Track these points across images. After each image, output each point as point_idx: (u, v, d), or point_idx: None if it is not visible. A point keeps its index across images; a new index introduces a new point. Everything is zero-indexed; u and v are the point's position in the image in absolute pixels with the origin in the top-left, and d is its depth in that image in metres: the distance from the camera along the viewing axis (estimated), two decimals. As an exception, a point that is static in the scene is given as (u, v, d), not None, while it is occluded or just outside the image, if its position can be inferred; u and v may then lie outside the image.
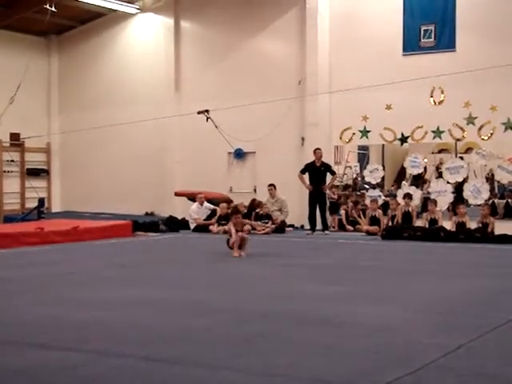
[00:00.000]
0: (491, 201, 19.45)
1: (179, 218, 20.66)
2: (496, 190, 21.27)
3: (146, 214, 22.82)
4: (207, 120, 21.11)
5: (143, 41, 23.94)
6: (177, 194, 21.87)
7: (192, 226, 19.80)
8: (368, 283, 9.17)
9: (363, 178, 21.57)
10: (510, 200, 20.31)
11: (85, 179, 24.73)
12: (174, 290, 8.60)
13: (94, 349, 5.39)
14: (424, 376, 4.53)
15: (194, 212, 19.90)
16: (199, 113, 21.14)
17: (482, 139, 19.04)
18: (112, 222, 18.35)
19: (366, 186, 21.53)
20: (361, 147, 22.21)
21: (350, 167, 23.50)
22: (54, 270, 10.77)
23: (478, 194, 19.07)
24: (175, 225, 19.95)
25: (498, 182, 20.28)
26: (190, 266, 11.55)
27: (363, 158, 22.93)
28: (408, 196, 18.19)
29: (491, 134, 18.76)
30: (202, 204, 19.93)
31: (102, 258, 12.91)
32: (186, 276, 10.21)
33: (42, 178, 25.19)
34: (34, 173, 24.86)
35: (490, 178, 20.87)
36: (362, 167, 21.90)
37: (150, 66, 23.49)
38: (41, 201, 20.62)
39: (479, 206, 18.48)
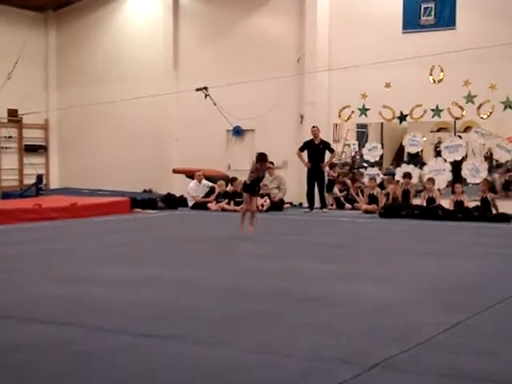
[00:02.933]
0: (489, 179, 19.45)
1: (177, 195, 20.67)
2: (495, 169, 21.31)
3: (144, 191, 22.80)
4: (206, 97, 21.05)
5: (141, 17, 23.78)
6: (175, 172, 21.85)
7: (190, 203, 19.81)
8: (366, 262, 9.18)
9: (362, 156, 21.56)
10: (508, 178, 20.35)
11: (83, 156, 24.69)
12: (172, 267, 8.60)
13: (92, 325, 5.41)
14: (419, 353, 4.55)
15: (192, 189, 19.90)
16: (198, 90, 21.07)
17: (481, 118, 19.01)
18: (110, 199, 18.35)
19: (365, 165, 21.52)
20: (359, 125, 22.20)
21: (349, 145, 23.52)
22: (52, 247, 10.78)
23: (476, 172, 19.06)
24: (173, 202, 19.95)
25: (497, 160, 20.30)
26: (188, 243, 11.55)
27: (362, 136, 22.94)
28: (408, 175, 18.19)
29: (490, 112, 18.72)
30: (200, 181, 19.93)
31: (100, 235, 12.92)
32: (184, 254, 10.21)
33: (40, 154, 25.14)
34: (32, 149, 24.81)
35: (489, 157, 20.89)
36: (361, 145, 21.90)
37: (148, 43, 23.36)
38: (39, 177, 20.59)
39: (477, 184, 18.52)
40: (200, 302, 6.30)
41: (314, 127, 18.76)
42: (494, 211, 16.29)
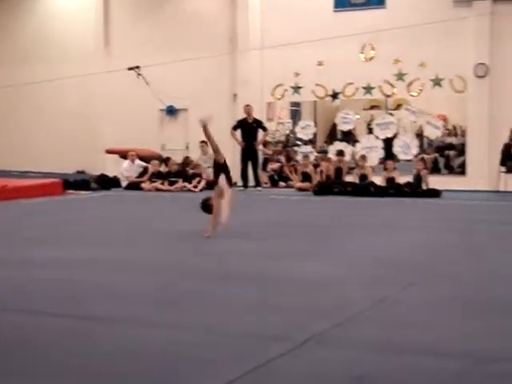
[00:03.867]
0: (421, 156, 19.79)
1: (111, 175, 20.46)
2: (425, 146, 21.68)
3: (77, 172, 22.49)
4: (138, 76, 20.86)
5: (71, -6, 23.36)
6: (108, 152, 21.62)
7: (124, 183, 19.65)
8: (302, 239, 9.25)
9: (295, 134, 21.66)
10: (438, 155, 20.74)
11: (12, 137, 24.14)
12: (106, 248, 8.52)
13: (29, 309, 5.33)
14: (350, 327, 4.63)
15: (126, 170, 19.74)
16: (130, 69, 20.85)
17: (412, 96, 19.28)
18: (41, 181, 18.05)
19: (298, 143, 21.63)
20: (293, 104, 22.27)
21: (283, 123, 23.56)
22: (-19, 230, 10.57)
23: (407, 149, 19.35)
24: (107, 183, 19.75)
25: (427, 137, 20.65)
26: (121, 223, 11.46)
27: (295, 114, 23.01)
28: (340, 153, 18.38)
29: (420, 90, 18.99)
30: (133, 161, 19.78)
31: (31, 218, 12.71)
32: (119, 234, 10.13)
33: (-33, 135, 24.54)
34: (-40, 131, 24.21)
35: (420, 134, 21.22)
36: (295, 123, 21.98)
37: (78, 21, 22.91)
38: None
39: (408, 161, 18.83)
40: (136, 283, 6.28)
41: (247, 106, 18.80)
42: (424, 187, 16.59)
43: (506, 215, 12.52)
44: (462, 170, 19.28)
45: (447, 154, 21.29)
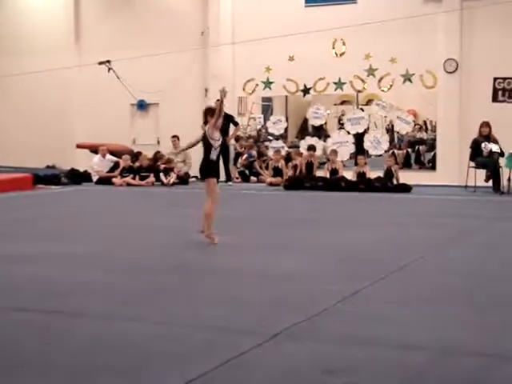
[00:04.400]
0: (391, 151, 19.94)
1: (81, 170, 20.36)
2: (396, 141, 21.83)
3: (48, 166, 22.33)
4: (109, 71, 20.77)
5: (41, -12, 23.17)
6: (79, 147, 21.51)
7: (94, 178, 19.56)
8: (273, 234, 9.27)
9: (267, 129, 21.69)
10: (409, 150, 20.88)
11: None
12: (72, 243, 8.49)
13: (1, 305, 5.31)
14: (320, 320, 4.67)
15: (96, 164, 19.65)
16: (100, 63, 20.75)
17: (382, 91, 19.38)
18: (11, 176, 17.91)
19: (270, 138, 21.66)
20: (265, 98, 22.29)
21: (254, 118, 23.57)
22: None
23: (377, 144, 19.46)
24: (77, 177, 19.65)
25: (398, 132, 20.78)
26: (90, 218, 11.42)
27: (267, 109, 23.04)
28: (312, 148, 18.43)
29: (391, 85, 19.10)
30: (104, 156, 19.69)
31: (1, 213, 12.61)
32: (85, 229, 10.08)
33: None
34: None
35: (390, 129, 21.35)
36: (266, 118, 22.00)
37: (49, 15, 22.77)
38: None
39: (379, 156, 18.95)
40: (100, 278, 6.27)
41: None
42: (395, 182, 16.70)
43: (474, 210, 12.65)
44: (432, 165, 19.44)
45: (418, 149, 21.46)
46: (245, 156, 19.92)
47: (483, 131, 16.37)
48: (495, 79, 18.19)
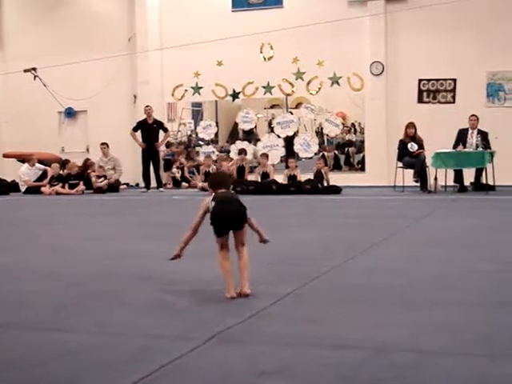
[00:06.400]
0: (321, 153, 20.15)
1: (9, 180, 20.00)
2: (325, 143, 22.06)
3: (-27, 177, 21.87)
4: (35, 78, 20.48)
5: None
6: (5, 156, 21.15)
7: (23, 188, 19.24)
8: (201, 239, 9.22)
9: (197, 134, 21.68)
10: (337, 152, 21.12)
11: None
12: (1, 253, 8.32)
13: None
14: (254, 323, 4.67)
15: (24, 173, 19.35)
16: (26, 71, 20.47)
17: (311, 94, 19.59)
18: None
19: (201, 143, 21.65)
20: (194, 104, 22.30)
21: (184, 124, 23.55)
22: None
23: (307, 147, 19.63)
24: (4, 187, 19.33)
25: (327, 135, 21.01)
26: (18, 228, 11.21)
27: (197, 114, 23.04)
28: (243, 151, 18.50)
29: (319, 88, 19.33)
30: (33, 165, 19.39)
31: None
32: (13, 238, 9.89)
33: None
34: None
35: (320, 132, 21.59)
36: (196, 124, 22.00)
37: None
38: None
39: (309, 158, 19.13)
40: (30, 288, 6.15)
41: (147, 106, 18.73)
42: (325, 184, 16.88)
43: (403, 210, 12.87)
44: (361, 167, 19.71)
45: (347, 151, 21.73)
46: (177, 163, 19.88)
47: (409, 132, 16.70)
48: (420, 81, 18.59)
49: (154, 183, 18.68)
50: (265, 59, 19.82)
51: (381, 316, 4.83)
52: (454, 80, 18.76)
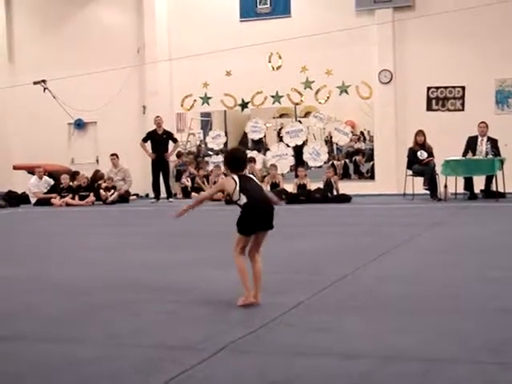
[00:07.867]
0: (331, 162, 20.13)
1: (19, 192, 20.07)
2: (335, 152, 22.03)
3: (-16, 189, 21.95)
4: (44, 91, 20.57)
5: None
6: (16, 168, 21.22)
7: (33, 200, 19.30)
8: (212, 248, 9.26)
9: (206, 144, 21.71)
10: (347, 161, 21.09)
11: None
12: (11, 265, 8.35)
13: None
14: (264, 334, 4.68)
15: (33, 186, 19.42)
16: (35, 83, 20.56)
17: (320, 103, 19.61)
18: None
19: (210, 153, 21.68)
20: (203, 114, 22.33)
21: (194, 134, 23.57)
22: None
23: (317, 156, 19.64)
24: (15, 199, 19.38)
25: (337, 144, 20.99)
26: (28, 239, 11.25)
27: (206, 124, 23.05)
28: (252, 159, 18.50)
29: (328, 97, 19.34)
30: (41, 177, 19.46)
31: None
32: (24, 250, 9.93)
33: None
34: None
35: (329, 141, 21.56)
36: (206, 134, 22.03)
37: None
38: None
39: (319, 167, 19.13)
40: (41, 300, 6.17)
41: (157, 117, 18.77)
42: (335, 192, 16.87)
43: (413, 218, 12.84)
44: (371, 175, 19.69)
45: (356, 160, 21.68)
46: (187, 173, 19.90)
47: (418, 140, 16.68)
48: (429, 88, 18.57)
49: (163, 194, 18.72)
50: (273, 69, 19.86)
51: (390, 324, 4.83)
52: (463, 87, 18.75)
